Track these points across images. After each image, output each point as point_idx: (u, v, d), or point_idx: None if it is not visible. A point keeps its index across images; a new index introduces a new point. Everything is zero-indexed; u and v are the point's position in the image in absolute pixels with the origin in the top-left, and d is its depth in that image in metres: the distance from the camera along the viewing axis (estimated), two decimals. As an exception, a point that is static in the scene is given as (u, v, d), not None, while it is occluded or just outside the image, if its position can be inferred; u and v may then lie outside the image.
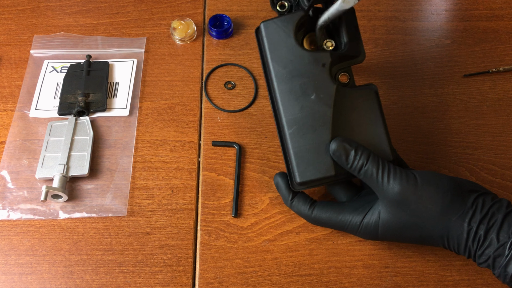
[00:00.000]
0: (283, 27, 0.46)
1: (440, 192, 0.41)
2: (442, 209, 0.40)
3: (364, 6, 0.68)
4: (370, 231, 0.44)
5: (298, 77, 0.45)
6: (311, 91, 0.45)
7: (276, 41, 0.46)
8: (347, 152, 0.43)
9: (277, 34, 0.46)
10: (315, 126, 0.45)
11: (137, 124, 0.56)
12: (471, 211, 0.40)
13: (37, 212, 0.50)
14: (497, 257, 0.39)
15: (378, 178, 0.42)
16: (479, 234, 0.39)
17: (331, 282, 0.47)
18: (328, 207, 0.46)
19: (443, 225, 0.40)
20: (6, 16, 0.66)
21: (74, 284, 0.46)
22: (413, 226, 0.42)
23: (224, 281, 0.46)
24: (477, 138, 0.56)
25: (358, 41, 0.46)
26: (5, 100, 0.58)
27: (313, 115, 0.45)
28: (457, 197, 0.40)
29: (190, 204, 0.51)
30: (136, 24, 0.65)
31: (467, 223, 0.40)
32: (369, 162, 0.42)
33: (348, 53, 0.45)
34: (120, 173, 0.53)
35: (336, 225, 0.45)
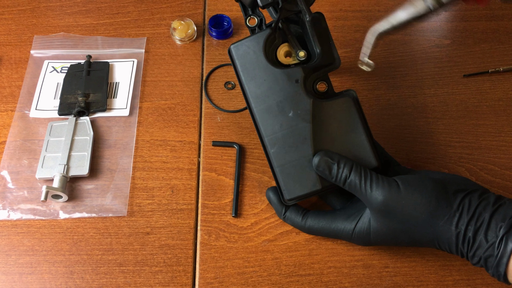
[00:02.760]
0: (253, 48, 0.46)
1: (424, 198, 0.40)
2: (428, 215, 0.40)
3: (364, 6, 0.68)
4: (362, 238, 0.44)
5: (274, 95, 0.45)
6: (288, 108, 0.45)
7: (248, 62, 0.46)
8: (330, 166, 0.43)
9: (247, 55, 0.46)
10: (296, 142, 0.45)
11: (137, 124, 0.56)
12: (458, 213, 0.39)
13: (37, 212, 0.50)
14: (488, 258, 0.39)
15: (361, 189, 0.42)
16: (467, 236, 0.39)
17: (331, 282, 0.47)
18: (320, 216, 0.46)
19: (431, 230, 0.40)
20: (6, 16, 0.66)
21: (74, 284, 0.46)
22: (401, 232, 0.42)
23: (224, 281, 0.46)
24: (477, 138, 0.56)
25: (330, 48, 0.45)
26: (5, 100, 0.58)
27: (293, 132, 0.45)
28: (443, 201, 0.40)
29: (190, 204, 0.51)
30: (136, 24, 0.65)
31: (455, 226, 0.39)
32: (352, 173, 0.42)
33: (321, 62, 0.45)
34: (120, 173, 0.53)
35: (330, 234, 0.46)
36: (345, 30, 0.65)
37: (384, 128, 0.56)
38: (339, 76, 0.60)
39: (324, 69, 0.45)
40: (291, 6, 0.44)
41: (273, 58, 0.46)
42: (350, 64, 0.61)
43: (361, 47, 0.47)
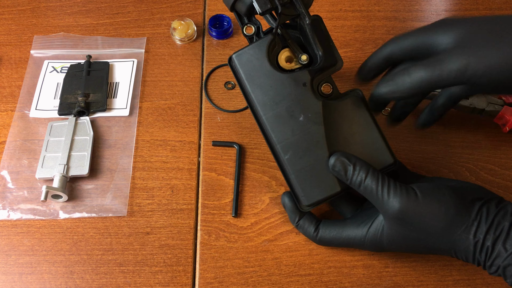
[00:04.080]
0: (256, 55, 0.45)
1: (442, 207, 0.40)
2: (446, 224, 0.39)
3: (364, 6, 0.68)
4: (375, 245, 0.43)
5: (282, 101, 0.45)
6: (298, 112, 0.45)
7: (252, 70, 0.45)
8: (346, 168, 0.42)
9: (251, 63, 0.45)
10: (310, 146, 0.44)
11: (137, 124, 0.56)
12: (476, 222, 0.39)
13: (37, 212, 0.50)
14: (507, 267, 0.38)
15: (377, 194, 0.41)
16: (486, 245, 0.38)
17: (331, 282, 0.47)
18: (331, 226, 0.46)
19: (449, 239, 0.40)
20: (6, 16, 0.66)
21: (74, 284, 0.46)
22: (418, 241, 0.41)
23: (224, 281, 0.46)
24: (477, 138, 0.56)
25: (332, 49, 0.45)
26: (5, 100, 0.58)
27: (306, 136, 0.44)
28: (461, 210, 0.39)
29: (190, 204, 0.51)
30: (136, 24, 0.65)
31: (473, 235, 0.39)
32: (368, 177, 0.41)
33: (324, 64, 0.45)
34: (120, 173, 0.53)
35: (342, 243, 0.45)
36: (345, 30, 0.65)
37: (384, 128, 0.56)
38: (339, 77, 0.60)
39: (327, 71, 0.45)
40: (290, 10, 0.44)
41: (275, 64, 0.46)
42: (350, 64, 0.61)
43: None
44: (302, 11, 0.44)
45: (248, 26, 0.47)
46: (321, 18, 0.45)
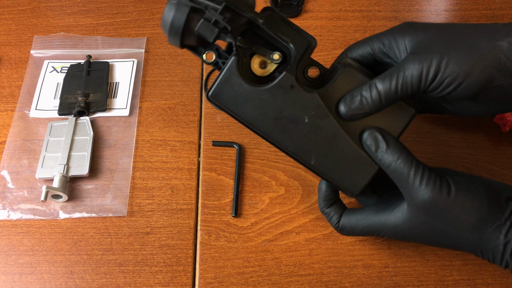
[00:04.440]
0: (230, 82, 0.42)
1: (476, 202, 0.38)
2: (477, 220, 0.38)
3: (364, 6, 0.68)
4: (396, 232, 0.41)
5: (280, 113, 0.42)
6: (301, 116, 0.42)
7: (235, 99, 0.42)
8: (378, 144, 0.40)
9: (229, 93, 0.42)
10: (329, 141, 0.42)
11: (137, 124, 0.56)
12: (509, 222, 0.37)
13: (37, 212, 0.50)
14: None
15: (408, 179, 0.38)
16: None
17: (331, 282, 0.47)
18: (352, 214, 0.44)
19: (478, 236, 0.38)
20: (6, 16, 0.66)
21: (74, 284, 0.46)
22: (443, 234, 0.39)
23: (224, 281, 0.46)
24: (477, 138, 0.56)
25: (299, 34, 0.42)
26: (5, 100, 0.58)
27: (320, 134, 0.42)
28: (494, 207, 0.37)
29: (190, 204, 0.51)
30: (136, 24, 0.65)
31: (504, 235, 0.37)
32: (400, 160, 0.39)
33: (299, 52, 0.41)
34: (120, 173, 0.53)
35: (362, 231, 0.43)
36: (345, 30, 0.65)
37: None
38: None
39: (305, 56, 0.42)
40: (238, 21, 0.41)
41: (253, 78, 0.43)
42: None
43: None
44: (251, 16, 0.41)
45: (207, 52, 0.43)
46: (272, 8, 0.43)
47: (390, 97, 0.40)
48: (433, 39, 0.39)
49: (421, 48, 0.39)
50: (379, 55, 0.43)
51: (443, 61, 0.38)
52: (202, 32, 0.40)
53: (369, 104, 0.40)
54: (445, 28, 0.40)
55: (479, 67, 0.37)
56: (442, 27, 0.41)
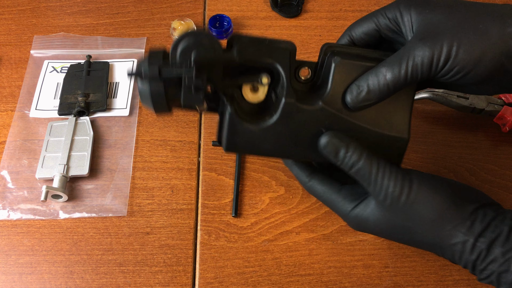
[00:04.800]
0: (238, 132, 0.40)
1: (437, 197, 0.37)
2: (436, 216, 0.37)
3: (364, 6, 0.68)
4: (358, 222, 0.41)
5: (297, 137, 0.40)
6: (317, 130, 0.40)
7: (249, 142, 0.40)
8: (338, 149, 0.39)
9: (242, 139, 0.40)
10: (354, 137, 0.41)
11: (137, 124, 0.56)
12: (469, 221, 0.37)
13: (37, 212, 0.50)
14: (502, 273, 0.36)
15: (371, 179, 0.38)
16: (478, 247, 0.37)
17: (331, 282, 0.47)
18: (325, 181, 0.43)
19: (436, 233, 0.38)
20: (6, 16, 0.66)
21: (74, 284, 0.46)
22: (404, 229, 0.39)
23: (224, 281, 0.46)
24: (477, 138, 0.56)
25: (275, 45, 0.40)
26: (5, 100, 0.58)
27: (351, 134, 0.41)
28: (456, 205, 0.37)
29: (190, 204, 0.51)
30: (136, 24, 0.65)
31: (463, 233, 0.37)
32: (361, 161, 0.39)
33: (286, 68, 0.39)
34: (120, 173, 0.53)
35: (327, 203, 0.43)
36: (345, 30, 0.65)
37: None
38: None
39: (291, 64, 0.40)
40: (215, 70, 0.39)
41: (252, 109, 0.41)
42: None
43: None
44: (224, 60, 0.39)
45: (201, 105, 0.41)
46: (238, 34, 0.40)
47: (398, 84, 0.38)
48: (442, 22, 0.38)
49: (430, 32, 0.38)
50: (386, 32, 0.41)
51: (453, 49, 0.37)
52: (189, 104, 0.39)
53: (377, 93, 0.39)
54: (454, 9, 0.39)
55: (489, 55, 0.37)
56: (450, 6, 0.39)
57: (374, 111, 0.41)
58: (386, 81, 0.38)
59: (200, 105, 0.39)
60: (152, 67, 0.38)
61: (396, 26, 0.41)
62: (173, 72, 0.38)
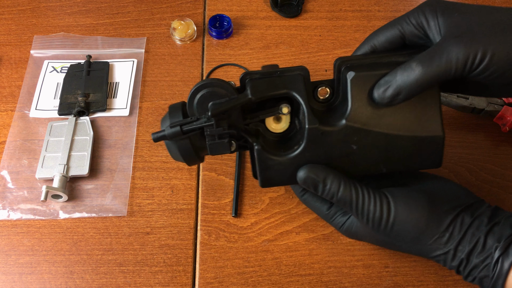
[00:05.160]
0: (270, 167, 0.41)
1: (414, 217, 0.39)
2: (416, 234, 0.39)
3: (364, 6, 0.68)
4: (351, 234, 0.44)
5: (328, 159, 0.41)
6: (348, 148, 0.40)
7: (283, 174, 0.41)
8: (316, 183, 0.40)
9: (275, 173, 0.41)
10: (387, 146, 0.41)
11: (137, 124, 0.56)
12: (448, 233, 0.39)
13: (37, 212, 0.50)
14: (483, 278, 0.38)
15: (352, 205, 0.40)
16: (458, 257, 0.38)
17: (331, 282, 0.47)
18: (317, 198, 0.45)
19: (419, 248, 0.40)
20: (6, 16, 0.66)
21: (74, 284, 0.46)
22: (390, 244, 0.42)
23: (224, 281, 0.46)
24: (477, 138, 0.56)
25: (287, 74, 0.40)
26: (5, 100, 0.58)
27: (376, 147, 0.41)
28: (433, 220, 0.39)
29: (190, 204, 0.51)
30: (136, 24, 0.65)
31: (443, 245, 0.39)
32: (340, 191, 0.40)
33: (302, 94, 0.40)
34: (120, 173, 0.53)
35: (321, 216, 0.46)
36: (345, 30, 0.65)
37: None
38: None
39: (307, 88, 0.40)
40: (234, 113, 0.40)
41: (278, 140, 0.42)
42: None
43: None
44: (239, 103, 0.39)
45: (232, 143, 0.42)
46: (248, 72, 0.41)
47: (429, 80, 0.37)
48: (475, 23, 0.37)
49: (464, 31, 0.37)
50: (411, 38, 0.41)
51: (490, 47, 0.36)
52: (217, 153, 0.41)
53: (406, 89, 0.38)
54: (485, 12, 0.38)
55: None
56: (479, 9, 0.39)
57: (401, 116, 0.40)
58: (416, 77, 0.37)
59: (228, 152, 0.40)
60: (174, 126, 0.40)
61: (421, 31, 0.40)
62: (194, 127, 0.40)
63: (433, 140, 0.41)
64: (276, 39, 0.64)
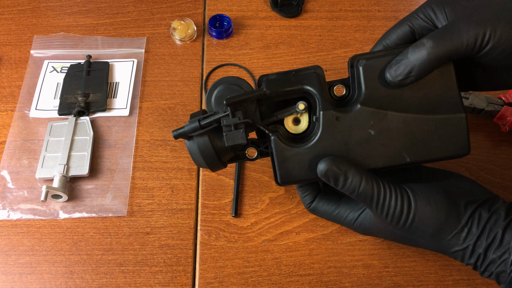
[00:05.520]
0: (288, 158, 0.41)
1: (434, 212, 0.39)
2: (435, 230, 0.39)
3: (364, 6, 0.68)
4: (364, 230, 0.44)
5: (347, 146, 0.40)
6: (365, 133, 0.40)
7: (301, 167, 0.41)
8: (337, 176, 0.40)
9: (294, 166, 0.41)
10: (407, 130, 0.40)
11: (137, 124, 0.56)
12: (467, 229, 0.39)
13: (37, 212, 0.50)
14: (500, 273, 0.38)
15: (372, 201, 0.40)
16: (476, 252, 0.39)
17: (331, 282, 0.47)
18: (327, 201, 0.45)
19: (437, 243, 0.40)
20: (6, 16, 0.66)
21: (74, 284, 0.46)
22: (406, 239, 0.42)
23: (224, 281, 0.46)
24: (477, 138, 0.56)
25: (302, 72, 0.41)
26: (5, 100, 0.58)
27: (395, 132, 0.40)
28: (452, 215, 0.39)
29: (190, 204, 0.51)
30: (136, 24, 0.65)
31: (462, 241, 0.39)
32: (362, 186, 0.39)
33: (317, 87, 0.40)
34: (120, 173, 0.53)
35: (332, 220, 0.46)
36: (345, 30, 0.65)
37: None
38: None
39: (323, 85, 0.41)
40: (251, 108, 0.41)
41: (298, 138, 0.42)
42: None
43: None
44: (256, 96, 0.40)
45: (248, 150, 0.43)
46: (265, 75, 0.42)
47: (440, 57, 0.38)
48: (483, 6, 0.38)
49: (472, 14, 0.38)
50: (422, 31, 0.41)
51: (499, 27, 0.37)
52: (233, 143, 0.41)
53: (418, 66, 0.38)
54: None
55: None
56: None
57: (418, 97, 0.40)
58: (427, 52, 0.38)
59: (243, 142, 0.40)
60: (192, 121, 0.41)
61: (430, 23, 0.41)
62: (212, 119, 0.40)
63: (455, 121, 0.40)
64: (276, 39, 0.64)
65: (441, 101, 0.40)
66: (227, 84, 0.41)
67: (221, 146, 0.42)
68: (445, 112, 0.40)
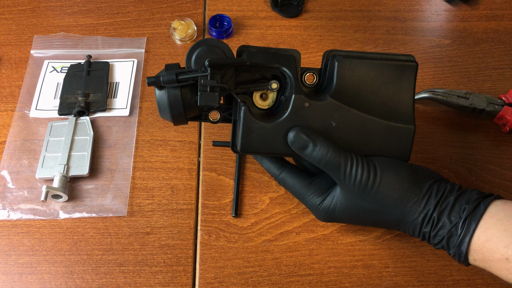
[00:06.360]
0: (253, 130, 0.43)
1: (398, 180, 0.42)
2: (399, 196, 0.41)
3: (364, 6, 0.68)
4: (326, 214, 0.44)
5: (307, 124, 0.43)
6: (328, 124, 0.43)
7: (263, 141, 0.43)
8: (306, 144, 0.42)
9: (256, 138, 0.43)
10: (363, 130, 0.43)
11: (137, 124, 0.56)
12: (426, 196, 0.41)
13: (37, 212, 0.50)
14: (450, 237, 0.40)
15: (340, 170, 0.42)
16: (432, 217, 0.40)
17: (331, 282, 0.47)
18: (295, 175, 0.46)
19: (400, 211, 0.42)
20: (6, 16, 0.66)
21: (74, 284, 0.46)
22: (370, 212, 0.43)
23: (224, 281, 0.46)
24: (477, 138, 0.56)
25: (281, 53, 0.43)
26: (5, 100, 0.58)
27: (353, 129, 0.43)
28: (414, 184, 0.42)
29: (190, 204, 0.51)
30: (136, 24, 0.65)
31: (422, 207, 0.41)
32: (329, 154, 0.42)
33: (293, 70, 0.43)
34: (120, 173, 0.53)
35: (297, 197, 0.46)
36: (345, 30, 0.65)
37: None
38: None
39: (296, 68, 0.43)
40: (228, 74, 0.42)
41: (263, 113, 0.44)
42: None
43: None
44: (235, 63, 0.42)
45: (211, 113, 0.45)
46: (246, 45, 0.43)
47: None
48: None
49: None
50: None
51: None
52: (205, 103, 0.42)
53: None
54: None
55: None
56: None
57: (379, 102, 0.44)
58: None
59: (215, 104, 0.42)
60: (169, 73, 0.41)
61: None
62: (189, 76, 0.41)
63: (405, 131, 0.44)
64: (276, 39, 0.64)
65: (398, 111, 0.44)
66: (210, 46, 0.42)
67: (190, 103, 0.43)
68: (399, 121, 0.44)
